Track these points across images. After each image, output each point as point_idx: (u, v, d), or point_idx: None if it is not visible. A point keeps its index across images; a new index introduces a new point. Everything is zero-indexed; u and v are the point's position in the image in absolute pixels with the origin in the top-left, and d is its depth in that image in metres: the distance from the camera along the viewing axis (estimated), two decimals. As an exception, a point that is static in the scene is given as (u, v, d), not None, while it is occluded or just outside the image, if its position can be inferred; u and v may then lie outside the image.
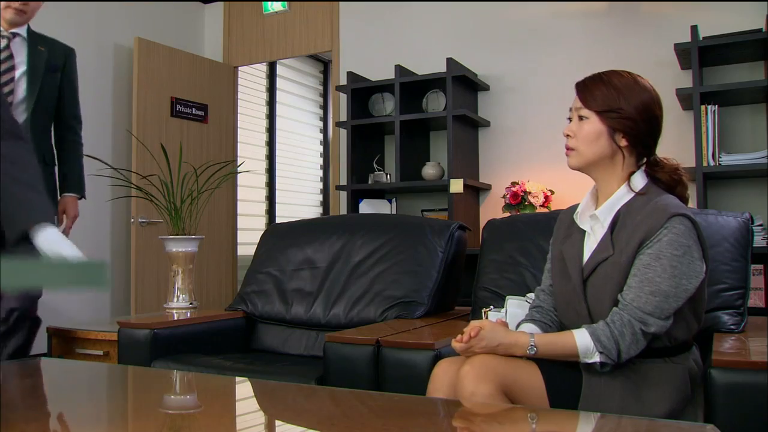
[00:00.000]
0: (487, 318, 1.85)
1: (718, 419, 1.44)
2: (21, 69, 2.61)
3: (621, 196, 1.54)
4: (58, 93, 2.75)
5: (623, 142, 1.52)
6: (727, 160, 3.16)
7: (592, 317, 1.50)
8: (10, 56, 2.60)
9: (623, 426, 1.18)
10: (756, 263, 3.02)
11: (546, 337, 1.48)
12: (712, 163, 3.16)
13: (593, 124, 1.53)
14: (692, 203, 3.40)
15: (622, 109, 1.50)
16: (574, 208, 1.67)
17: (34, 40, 2.68)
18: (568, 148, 1.58)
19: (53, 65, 2.70)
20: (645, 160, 1.57)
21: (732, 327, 1.87)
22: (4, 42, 2.59)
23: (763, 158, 3.11)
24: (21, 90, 2.59)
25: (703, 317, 1.55)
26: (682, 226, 1.42)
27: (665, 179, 1.54)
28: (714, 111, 3.16)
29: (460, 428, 1.26)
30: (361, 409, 1.35)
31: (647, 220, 1.44)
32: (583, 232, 1.60)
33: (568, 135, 1.57)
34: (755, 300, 3.05)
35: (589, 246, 1.57)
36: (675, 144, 3.52)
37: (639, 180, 1.54)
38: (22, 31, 2.65)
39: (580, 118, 1.55)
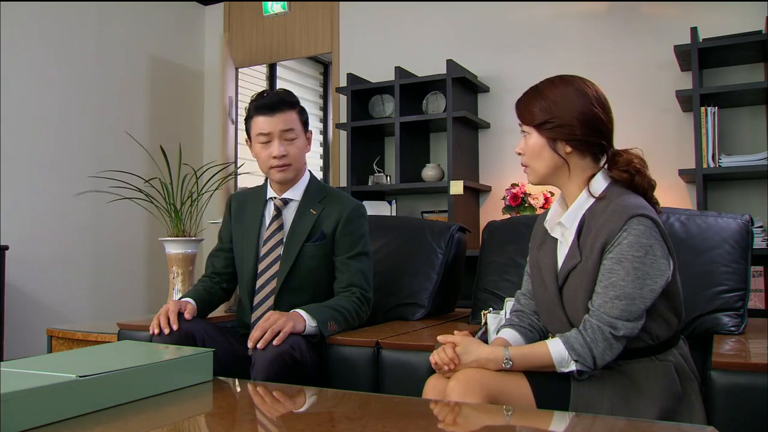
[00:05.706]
0: (486, 320, 1.85)
1: (719, 421, 1.44)
2: None
3: (583, 201, 1.53)
4: None
5: (567, 149, 1.53)
6: (726, 161, 3.16)
7: (572, 324, 1.51)
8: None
9: (625, 428, 1.18)
10: (756, 265, 3.02)
11: (521, 350, 1.49)
12: (712, 164, 3.16)
13: (534, 138, 1.56)
14: (692, 205, 3.42)
15: (556, 118, 1.51)
16: (547, 213, 1.67)
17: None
18: (523, 165, 1.62)
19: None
20: (605, 157, 1.56)
21: (732, 329, 1.87)
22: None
23: (763, 160, 3.12)
24: None
25: (683, 312, 1.54)
26: (641, 227, 1.41)
27: (620, 177, 1.52)
28: (714, 113, 3.16)
29: (459, 430, 1.26)
30: (361, 411, 1.35)
31: (607, 224, 1.44)
32: (556, 239, 1.60)
33: (519, 153, 1.62)
34: (755, 302, 3.05)
35: (562, 253, 1.57)
36: (675, 145, 3.52)
37: (599, 183, 1.53)
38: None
39: (524, 134, 1.59)
